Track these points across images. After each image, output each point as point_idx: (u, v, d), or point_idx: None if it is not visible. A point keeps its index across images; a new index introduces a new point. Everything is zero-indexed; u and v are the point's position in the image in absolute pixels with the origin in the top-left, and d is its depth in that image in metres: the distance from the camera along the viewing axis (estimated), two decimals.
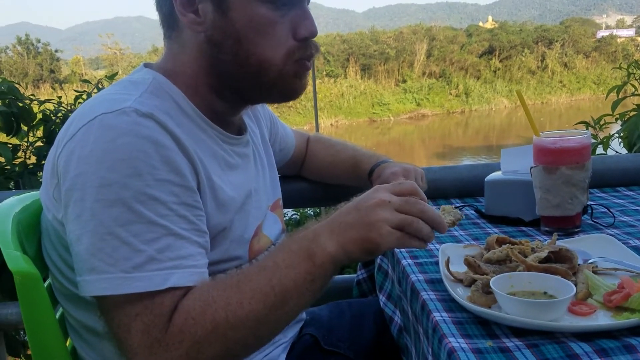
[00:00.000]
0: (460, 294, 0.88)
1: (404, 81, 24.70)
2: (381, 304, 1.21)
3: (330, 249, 0.78)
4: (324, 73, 23.90)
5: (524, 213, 1.25)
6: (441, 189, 1.57)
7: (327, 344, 1.11)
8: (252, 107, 1.09)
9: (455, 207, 1.03)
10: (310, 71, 0.99)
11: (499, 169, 1.36)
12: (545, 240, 1.08)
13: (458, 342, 0.75)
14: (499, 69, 26.05)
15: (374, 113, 23.17)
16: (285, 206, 1.40)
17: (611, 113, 1.96)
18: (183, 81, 0.91)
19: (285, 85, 0.92)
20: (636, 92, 1.92)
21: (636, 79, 1.91)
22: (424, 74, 25.21)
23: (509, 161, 1.34)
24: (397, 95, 24.06)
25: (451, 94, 24.59)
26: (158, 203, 0.77)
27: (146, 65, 0.96)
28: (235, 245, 0.94)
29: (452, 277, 0.94)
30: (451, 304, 0.87)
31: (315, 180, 1.49)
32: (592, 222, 1.24)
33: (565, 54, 27.36)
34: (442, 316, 0.83)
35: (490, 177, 1.33)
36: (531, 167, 1.18)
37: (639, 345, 0.71)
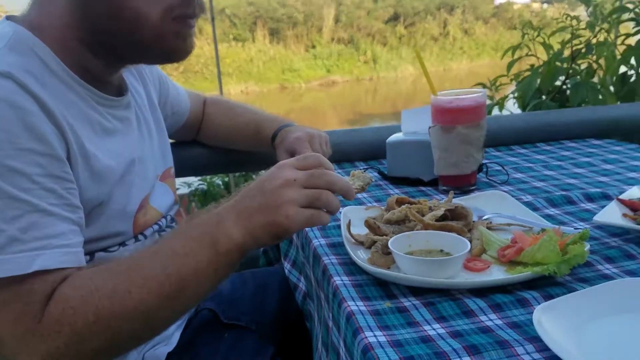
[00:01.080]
0: (361, 256, 0.87)
1: (314, 47, 24.61)
2: (286, 271, 1.18)
3: (236, 236, 0.73)
4: (231, 37, 23.23)
5: (423, 173, 1.26)
6: (346, 152, 1.55)
7: (227, 317, 1.06)
8: (133, 66, 0.99)
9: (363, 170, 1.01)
10: (212, 33, 0.91)
11: (401, 131, 1.36)
12: (443, 199, 1.09)
13: (357, 305, 0.74)
14: (404, 36, 26.63)
15: (284, 79, 22.96)
16: (181, 174, 1.32)
17: (506, 74, 2.03)
18: (50, 35, 0.80)
19: (164, 45, 0.84)
20: (530, 53, 2.00)
21: (530, 40, 1.99)
22: (332, 39, 25.26)
23: (410, 122, 1.34)
24: (307, 61, 23.96)
25: (360, 61, 24.88)
26: (19, 175, 0.68)
27: (8, 17, 0.83)
28: (115, 220, 0.86)
29: (353, 240, 0.92)
30: (352, 267, 0.86)
31: (214, 146, 1.41)
32: (488, 180, 1.27)
33: (466, 21, 28.45)
34: (342, 280, 0.81)
35: (391, 139, 1.33)
36: (429, 127, 1.19)
37: (532, 299, 0.73)
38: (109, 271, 0.72)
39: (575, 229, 0.93)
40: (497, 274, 0.80)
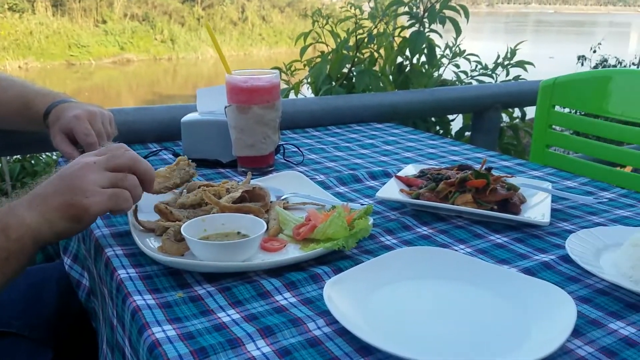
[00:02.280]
0: (151, 245, 0.80)
1: (104, 22, 22.67)
2: (66, 267, 1.04)
3: (29, 221, 0.66)
4: (6, 7, 20.16)
5: (221, 154, 1.22)
6: (137, 132, 1.44)
7: None
8: None
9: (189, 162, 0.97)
10: None
11: (197, 110, 1.30)
12: (242, 180, 1.07)
13: (144, 299, 0.67)
14: (202, 17, 26.09)
15: (71, 55, 20.76)
16: None
17: (300, 59, 2.10)
18: None
19: None
20: (320, 40, 2.09)
21: (320, 28, 2.08)
22: (125, 15, 23.56)
23: (205, 101, 1.29)
24: (98, 37, 21.99)
25: (157, 40, 23.68)
26: None
27: None
28: None
29: (141, 227, 0.85)
30: (141, 257, 0.78)
31: None
32: (285, 161, 1.29)
33: (263, 8, 29.02)
34: (128, 273, 0.74)
35: (186, 118, 1.26)
36: (225, 107, 1.15)
37: (324, 274, 0.75)
38: None
39: (361, 204, 0.99)
40: (292, 253, 0.81)
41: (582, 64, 7.79)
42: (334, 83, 2.02)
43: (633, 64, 7.00)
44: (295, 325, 0.63)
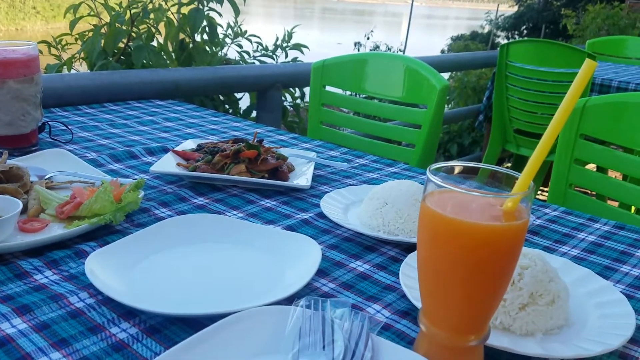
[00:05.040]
0: None
1: None
2: None
3: None
4: None
5: None
6: None
7: None
8: None
9: None
10: None
11: None
12: None
13: None
14: None
15: None
16: None
17: (70, 33, 1.94)
18: None
19: None
20: (92, 13, 1.96)
21: (92, 0, 1.94)
22: None
23: None
24: None
25: None
26: None
27: None
28: None
29: None
30: None
31: None
32: (52, 140, 1.21)
33: None
34: None
35: None
36: None
37: (90, 250, 0.74)
38: None
39: (134, 179, 0.98)
40: (56, 231, 0.78)
41: (359, 50, 8.60)
42: (110, 59, 1.92)
43: (399, 50, 7.95)
44: (56, 301, 0.62)
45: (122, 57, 1.98)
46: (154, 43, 2.06)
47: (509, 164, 3.97)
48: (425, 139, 1.58)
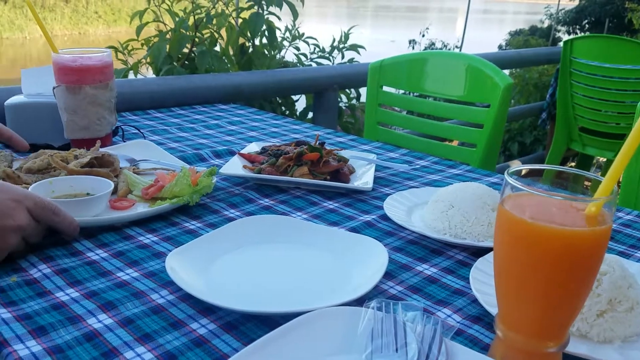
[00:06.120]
0: None
1: None
2: None
3: None
4: None
5: (52, 138, 1.16)
6: None
7: None
8: None
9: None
10: None
11: (22, 92, 1.22)
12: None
13: None
14: None
15: None
16: None
17: (137, 38, 2.03)
18: None
19: None
20: (157, 19, 2.04)
21: (156, 5, 2.02)
22: None
23: (31, 83, 1.21)
24: None
25: None
26: None
27: None
28: None
29: None
30: None
31: None
32: (125, 143, 1.26)
33: None
34: None
35: (11, 101, 1.17)
36: (53, 88, 1.10)
37: (166, 251, 0.77)
38: None
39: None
40: (141, 210, 0.86)
41: (413, 48, 8.51)
42: (175, 63, 1.99)
43: (456, 46, 7.80)
44: (138, 297, 0.65)
45: (186, 62, 2.05)
46: (216, 48, 2.11)
47: (573, 163, 3.83)
48: (487, 139, 1.55)
